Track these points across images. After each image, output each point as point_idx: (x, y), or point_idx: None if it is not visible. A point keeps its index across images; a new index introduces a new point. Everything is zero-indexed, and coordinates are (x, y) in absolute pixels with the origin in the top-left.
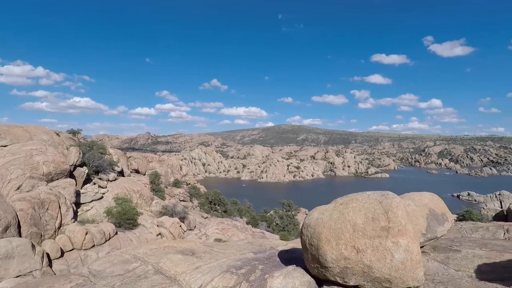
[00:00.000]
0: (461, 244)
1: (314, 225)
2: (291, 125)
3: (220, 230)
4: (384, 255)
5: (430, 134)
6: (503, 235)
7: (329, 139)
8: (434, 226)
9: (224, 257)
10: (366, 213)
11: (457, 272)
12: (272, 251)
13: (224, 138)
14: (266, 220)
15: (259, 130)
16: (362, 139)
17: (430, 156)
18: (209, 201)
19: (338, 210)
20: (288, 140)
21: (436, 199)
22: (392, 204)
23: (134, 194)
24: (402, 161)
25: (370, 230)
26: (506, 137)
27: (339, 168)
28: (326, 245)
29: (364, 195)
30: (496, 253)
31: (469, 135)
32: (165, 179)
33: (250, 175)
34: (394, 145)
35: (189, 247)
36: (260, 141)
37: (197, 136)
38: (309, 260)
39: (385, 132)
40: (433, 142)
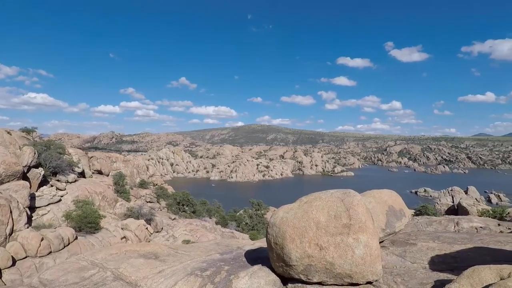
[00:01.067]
0: (417, 238)
1: (279, 224)
2: (261, 125)
3: (188, 231)
4: (345, 252)
5: (391, 134)
6: (453, 228)
7: (298, 138)
8: (393, 221)
9: (189, 259)
10: (329, 211)
11: (412, 264)
12: (239, 251)
13: (193, 137)
14: (235, 219)
15: (229, 130)
16: (329, 138)
17: (391, 155)
18: (177, 202)
19: (302, 209)
20: (257, 139)
21: (395, 196)
22: (353, 202)
23: (97, 196)
24: (366, 160)
25: (333, 228)
26: (457, 138)
27: (307, 167)
28: (290, 244)
29: (327, 193)
30: (447, 245)
31: (425, 136)
32: (131, 180)
33: (220, 175)
34: (359, 144)
35: (152, 250)
36: (230, 140)
37: (165, 135)
38: (274, 259)
39: (350, 132)
40: (394, 142)
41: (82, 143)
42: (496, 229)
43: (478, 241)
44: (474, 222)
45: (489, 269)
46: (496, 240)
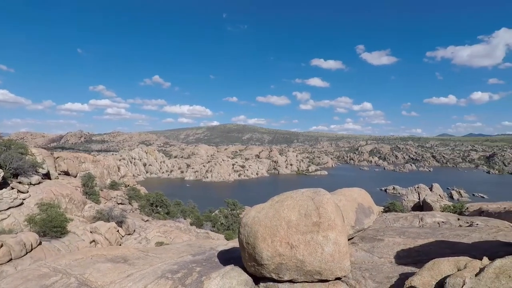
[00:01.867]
0: (384, 234)
1: (251, 224)
2: (236, 125)
3: (162, 233)
4: (315, 249)
5: (362, 134)
6: (418, 223)
7: (273, 138)
8: (362, 218)
9: (160, 262)
10: (299, 210)
11: (380, 259)
12: (212, 252)
13: (167, 137)
14: (211, 220)
15: (204, 129)
16: (304, 138)
17: (363, 154)
18: (150, 203)
19: (274, 208)
20: (233, 139)
21: (364, 193)
22: (323, 200)
23: (63, 198)
24: (339, 159)
25: (303, 226)
26: (423, 138)
27: (282, 167)
28: (262, 243)
29: (298, 192)
30: (411, 240)
31: (394, 136)
32: (101, 181)
33: (195, 175)
34: (332, 144)
35: (121, 254)
36: (205, 140)
37: (138, 134)
38: (246, 258)
39: (324, 132)
40: (365, 142)
41: (47, 143)
42: (456, 223)
43: (439, 235)
44: (436, 217)
45: (448, 261)
46: (455, 234)
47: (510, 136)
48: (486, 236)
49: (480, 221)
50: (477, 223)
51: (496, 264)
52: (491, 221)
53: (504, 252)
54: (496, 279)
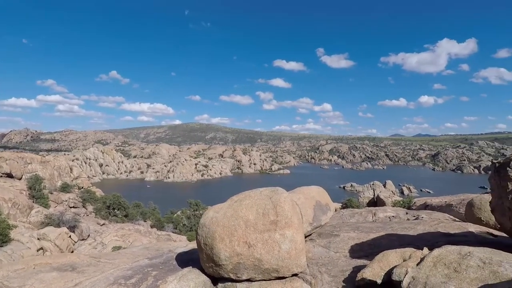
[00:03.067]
0: (340, 229)
1: (209, 225)
2: (200, 124)
3: (120, 237)
4: (272, 247)
5: (323, 134)
6: (371, 218)
7: (237, 137)
8: (320, 215)
9: (113, 268)
10: (257, 209)
11: (336, 254)
12: (170, 254)
13: (125, 136)
14: (172, 221)
15: (166, 128)
16: (267, 138)
17: (323, 154)
18: (106, 205)
19: (232, 208)
20: (196, 138)
21: (322, 191)
22: (280, 199)
23: (5, 203)
24: (301, 158)
25: (261, 225)
26: (378, 137)
27: (246, 166)
28: (220, 243)
29: (257, 192)
30: (365, 234)
31: (352, 135)
32: (50, 183)
33: (156, 175)
34: (294, 143)
35: (69, 261)
36: (166, 139)
37: (93, 133)
38: (204, 260)
39: (287, 132)
40: (325, 141)
41: None
42: (404, 217)
43: (389, 229)
44: (387, 212)
45: (395, 252)
46: (403, 227)
47: (451, 136)
48: (429, 228)
49: (425, 214)
50: (422, 216)
51: (434, 253)
52: (434, 214)
53: (444, 241)
54: (434, 267)
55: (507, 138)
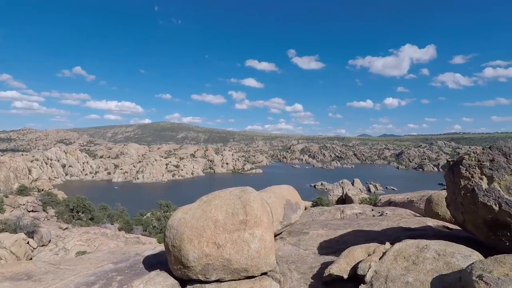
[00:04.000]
0: (310, 227)
1: (177, 226)
2: (170, 123)
3: (84, 241)
4: (242, 247)
5: (294, 134)
6: (339, 215)
7: (209, 137)
8: (290, 214)
9: (74, 275)
10: (227, 209)
11: (305, 251)
12: (137, 258)
13: (91, 135)
14: (142, 223)
15: (135, 127)
16: (239, 137)
17: (294, 153)
18: (70, 208)
19: (201, 209)
20: (167, 138)
21: (292, 190)
22: (249, 198)
23: None
24: (273, 157)
25: (230, 225)
26: (346, 137)
27: (218, 166)
28: (188, 245)
29: (227, 191)
30: (333, 231)
31: (322, 135)
32: (6, 185)
33: (124, 176)
34: (267, 143)
35: (25, 269)
36: (135, 139)
37: (55, 132)
38: (172, 262)
39: (259, 132)
40: (296, 141)
41: None
42: (370, 213)
43: (356, 225)
44: (355, 209)
45: (360, 248)
46: (368, 223)
47: (414, 136)
48: (392, 224)
49: (389, 210)
50: (386, 212)
51: (395, 247)
52: (397, 210)
53: (405, 236)
54: (394, 260)
55: (462, 138)
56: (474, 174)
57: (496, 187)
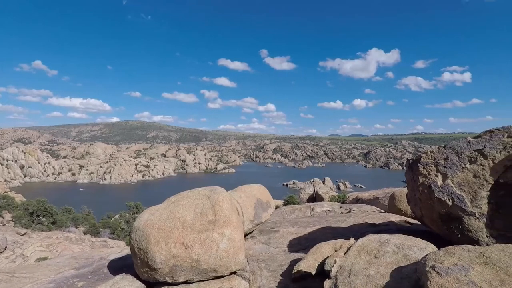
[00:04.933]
0: (280, 225)
1: (143, 228)
2: (140, 122)
3: (46, 247)
4: (210, 247)
5: (267, 134)
6: (310, 213)
7: (181, 136)
8: (260, 213)
9: (30, 283)
10: (195, 209)
11: (275, 249)
12: (102, 262)
13: (53, 134)
14: (109, 226)
15: (102, 126)
16: (212, 137)
17: (267, 152)
18: (29, 212)
19: (168, 209)
20: (136, 137)
21: (263, 189)
22: (218, 198)
23: None
24: (246, 157)
25: (199, 225)
26: (317, 137)
27: (190, 166)
28: (155, 247)
29: (195, 191)
30: (302, 229)
31: (294, 135)
32: None
33: (90, 177)
34: (240, 143)
35: None
36: (103, 138)
37: (12, 130)
38: (138, 265)
39: (232, 131)
40: (269, 141)
41: None
42: (338, 211)
43: (325, 222)
44: (324, 207)
45: (328, 244)
46: (336, 220)
47: (380, 136)
48: (358, 220)
49: (356, 207)
50: (353, 209)
51: (359, 243)
52: (364, 207)
53: (370, 231)
54: (358, 255)
55: (424, 138)
56: (430, 172)
57: (450, 184)
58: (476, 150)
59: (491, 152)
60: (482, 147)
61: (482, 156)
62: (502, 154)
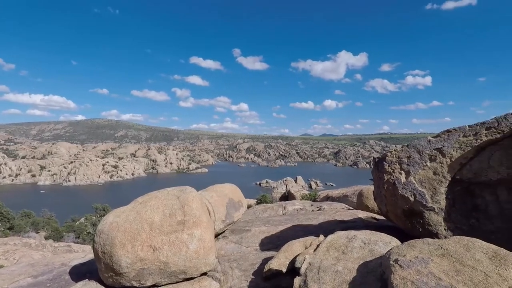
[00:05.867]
0: (252, 224)
1: (108, 230)
2: (108, 120)
3: (1, 254)
4: (180, 248)
5: (240, 133)
6: (281, 212)
7: (152, 136)
8: (232, 212)
9: None
10: (164, 209)
11: (247, 249)
12: (63, 268)
13: (10, 132)
14: (74, 230)
15: (65, 124)
16: (184, 136)
17: (240, 152)
18: None
19: (135, 211)
20: (104, 136)
21: (235, 188)
22: (188, 198)
23: None
24: (219, 156)
25: (167, 226)
26: (290, 137)
27: (161, 165)
28: (120, 250)
29: (164, 192)
30: (274, 227)
31: (267, 135)
32: None
33: (53, 178)
34: (212, 142)
35: None
36: (66, 137)
37: None
38: (102, 270)
39: (205, 131)
40: (242, 140)
41: None
42: (310, 209)
43: (296, 220)
44: (296, 205)
45: (298, 242)
46: (307, 218)
47: (349, 136)
48: (328, 217)
49: (326, 205)
50: (324, 207)
51: (328, 239)
52: (333, 204)
53: (339, 228)
54: (327, 251)
55: (390, 138)
56: (395, 169)
57: (412, 181)
58: (435, 149)
59: (448, 151)
60: (441, 146)
61: (441, 154)
62: (458, 152)
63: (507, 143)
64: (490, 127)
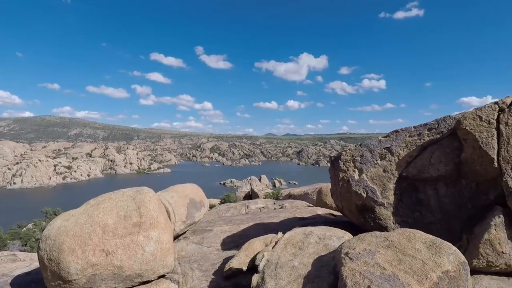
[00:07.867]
0: (215, 224)
1: (55, 236)
2: (60, 117)
3: None
4: (135, 251)
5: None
6: (245, 211)
7: (110, 134)
8: (193, 212)
9: None
10: (118, 211)
11: (208, 249)
12: (4, 279)
13: None
14: (20, 237)
15: (10, 121)
16: (145, 135)
17: (204, 151)
18: None
19: (86, 213)
20: (55, 135)
21: (196, 188)
22: (144, 199)
23: None
24: (182, 156)
25: (122, 229)
26: (254, 136)
27: (120, 166)
28: (69, 256)
29: (119, 193)
30: (236, 226)
31: (231, 134)
32: None
33: None
34: (175, 141)
35: None
36: (11, 135)
37: None
38: (49, 278)
39: (167, 129)
40: (206, 139)
41: None
42: (272, 207)
43: (258, 219)
44: (258, 204)
45: (259, 240)
46: (269, 216)
47: (311, 136)
48: (289, 215)
49: (288, 203)
50: (285, 205)
51: (285, 236)
52: (295, 202)
53: (299, 225)
54: (284, 248)
55: (349, 138)
56: (349, 167)
57: (364, 178)
58: (385, 148)
59: (396, 150)
60: (389, 145)
61: (390, 153)
62: (404, 151)
63: (445, 143)
64: (431, 128)
